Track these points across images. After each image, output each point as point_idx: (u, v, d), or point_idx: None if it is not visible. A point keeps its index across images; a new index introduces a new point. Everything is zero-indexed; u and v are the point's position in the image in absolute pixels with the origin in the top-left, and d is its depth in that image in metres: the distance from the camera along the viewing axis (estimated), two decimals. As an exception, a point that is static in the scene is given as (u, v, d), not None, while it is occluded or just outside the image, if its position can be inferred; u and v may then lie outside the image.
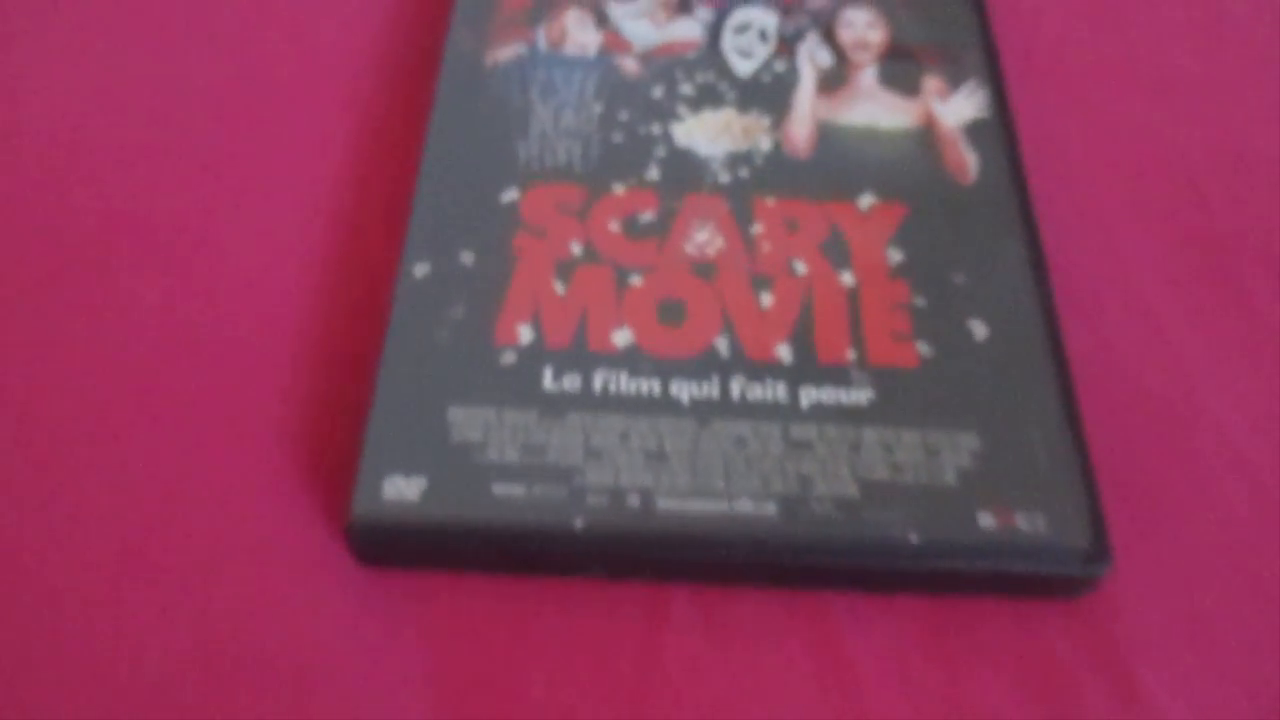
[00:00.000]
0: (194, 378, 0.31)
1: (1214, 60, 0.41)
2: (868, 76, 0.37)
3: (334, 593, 0.28)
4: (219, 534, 0.29)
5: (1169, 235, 0.37)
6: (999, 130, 0.36)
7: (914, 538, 0.28)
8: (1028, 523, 0.28)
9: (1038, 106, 0.40)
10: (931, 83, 0.37)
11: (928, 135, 0.36)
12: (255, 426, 0.30)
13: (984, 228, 0.34)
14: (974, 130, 0.36)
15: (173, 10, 0.40)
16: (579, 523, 0.28)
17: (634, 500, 0.28)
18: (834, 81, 0.37)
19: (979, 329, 0.32)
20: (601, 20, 0.38)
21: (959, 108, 0.36)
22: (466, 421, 0.29)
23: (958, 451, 0.29)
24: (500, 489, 0.28)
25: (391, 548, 0.28)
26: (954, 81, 0.37)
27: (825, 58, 0.38)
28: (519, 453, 0.29)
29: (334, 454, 0.30)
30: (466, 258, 0.32)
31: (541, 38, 0.38)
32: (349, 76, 0.38)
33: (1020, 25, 0.42)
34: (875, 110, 0.36)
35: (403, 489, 0.28)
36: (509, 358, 0.30)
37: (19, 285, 0.33)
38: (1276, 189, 0.38)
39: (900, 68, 0.38)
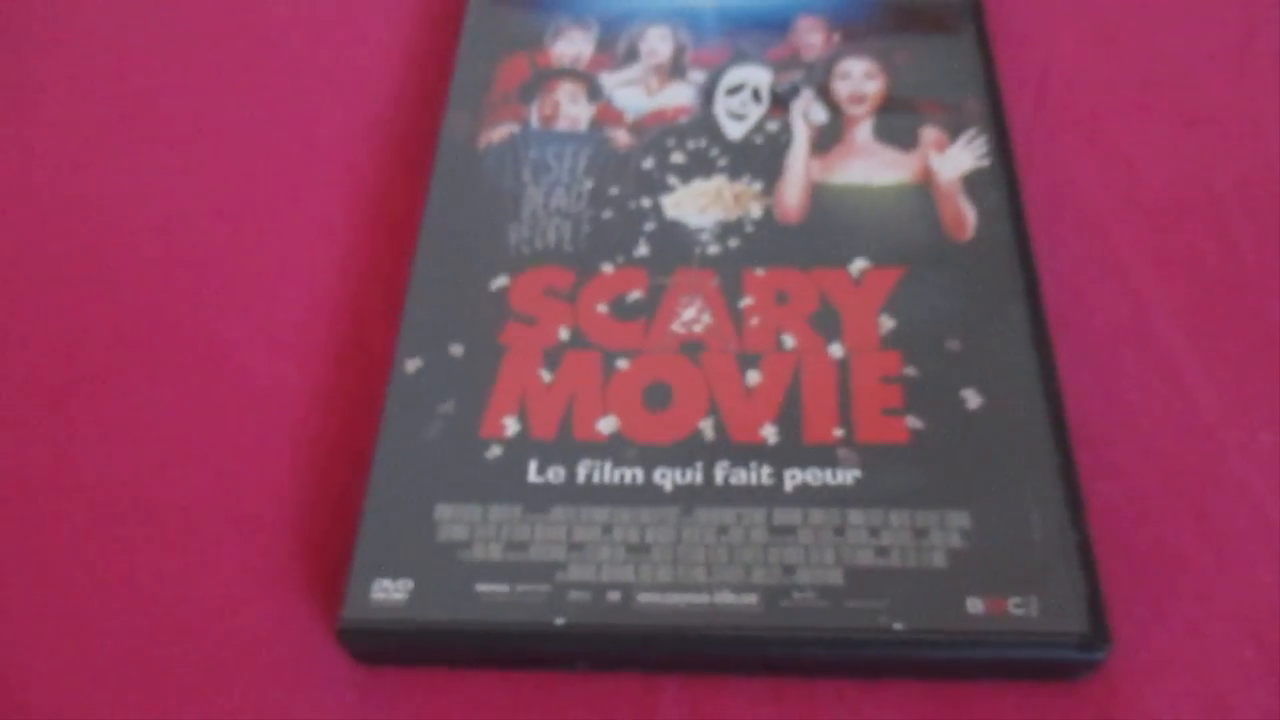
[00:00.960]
0: (194, 478, 0.32)
1: (1244, 87, 0.39)
2: (863, 131, 0.37)
3: (332, 692, 0.29)
4: (220, 635, 0.30)
5: (1193, 278, 0.35)
6: (1000, 179, 0.35)
7: (898, 626, 0.27)
8: (1020, 608, 0.27)
9: (1052, 146, 0.38)
10: (930, 133, 0.36)
11: (924, 190, 0.35)
12: (255, 526, 0.31)
13: (981, 288, 0.33)
14: (973, 181, 0.35)
15: (171, 98, 0.42)
16: (559, 621, 0.28)
17: (614, 596, 0.28)
18: (828, 139, 0.37)
19: (973, 398, 0.31)
20: (595, 93, 0.38)
21: (957, 158, 0.35)
22: (453, 519, 0.30)
23: (947, 532, 0.29)
24: (484, 588, 0.28)
25: (383, 648, 0.29)
26: (954, 131, 0.36)
27: (820, 114, 0.37)
28: (502, 550, 0.29)
29: (332, 552, 0.31)
30: (456, 350, 0.33)
31: (534, 115, 0.38)
32: (349, 164, 0.39)
33: (1032, 60, 0.40)
34: (870, 167, 0.36)
35: (390, 592, 0.29)
36: (495, 451, 0.31)
37: (16, 384, 0.35)
38: (1310, 221, 0.36)
39: (897, 120, 0.37)
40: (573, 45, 0.40)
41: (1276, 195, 0.37)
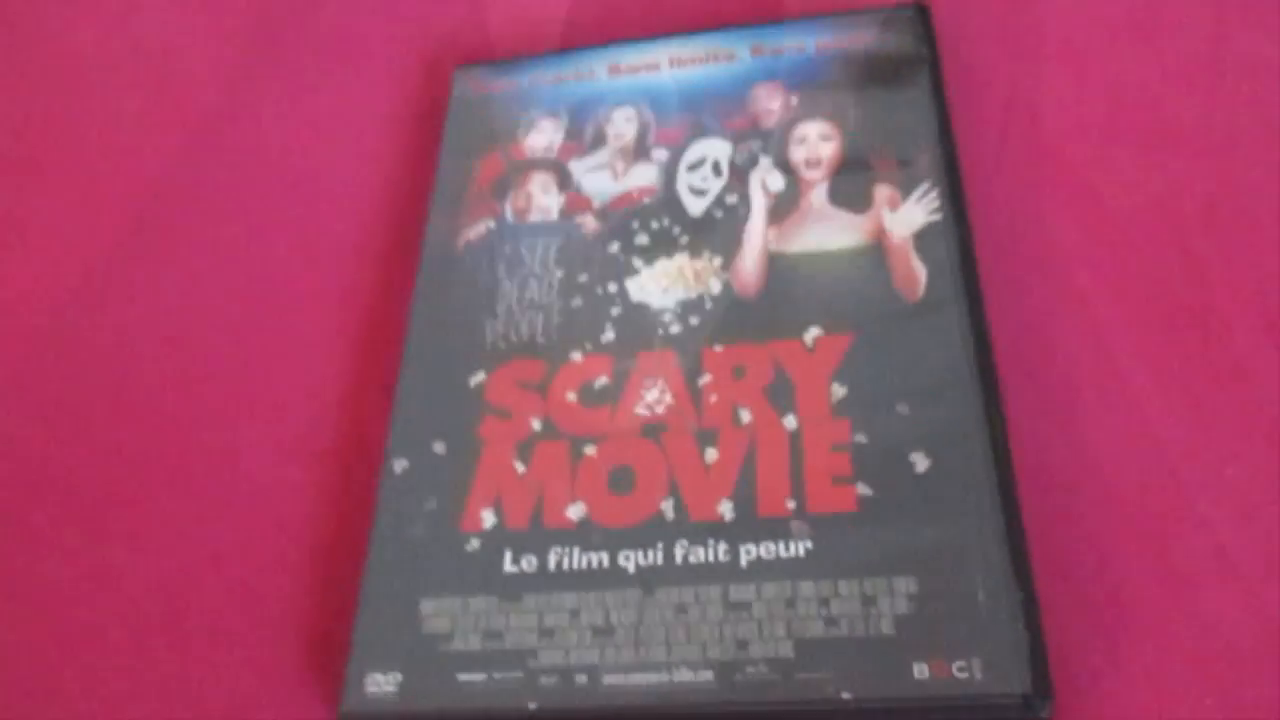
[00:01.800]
0: (208, 581, 0.36)
1: (1212, 103, 0.39)
2: (819, 195, 0.38)
3: (342, 777, 0.32)
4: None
5: (1157, 311, 0.35)
6: (951, 233, 0.35)
7: (846, 696, 0.28)
8: (963, 671, 0.28)
9: (1015, 181, 0.38)
10: (883, 192, 0.37)
11: (877, 251, 0.36)
12: (267, 625, 0.34)
13: (930, 347, 0.33)
14: (925, 237, 0.36)
15: (169, 215, 0.45)
16: (532, 705, 0.30)
17: (581, 679, 0.30)
18: (785, 207, 0.38)
19: (921, 462, 0.32)
20: (565, 181, 0.40)
21: (909, 216, 0.36)
22: (436, 613, 0.32)
23: (895, 598, 0.30)
24: (464, 677, 0.31)
25: (381, 737, 0.32)
26: (907, 187, 0.37)
27: (777, 182, 0.38)
28: (481, 639, 0.31)
29: (335, 647, 0.33)
30: (439, 448, 0.35)
31: (509, 209, 0.40)
32: (344, 272, 0.42)
33: (994, 95, 0.40)
34: (825, 232, 0.37)
35: (382, 685, 0.31)
36: (474, 544, 0.33)
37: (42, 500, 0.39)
38: None
39: (852, 180, 0.37)
40: (544, 136, 0.42)
41: (1243, 216, 0.36)
